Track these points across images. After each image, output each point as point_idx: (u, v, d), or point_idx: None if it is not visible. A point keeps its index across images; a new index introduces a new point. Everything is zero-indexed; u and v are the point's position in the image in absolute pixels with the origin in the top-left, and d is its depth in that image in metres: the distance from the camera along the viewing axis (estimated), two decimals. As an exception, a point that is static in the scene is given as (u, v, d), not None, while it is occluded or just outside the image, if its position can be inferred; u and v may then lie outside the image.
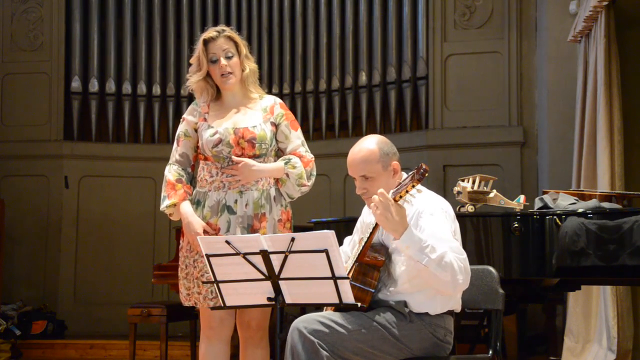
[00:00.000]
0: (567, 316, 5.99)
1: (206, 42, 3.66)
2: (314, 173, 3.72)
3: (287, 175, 3.64)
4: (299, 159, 3.67)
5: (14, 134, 8.29)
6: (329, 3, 8.14)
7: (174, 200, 3.64)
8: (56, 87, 8.31)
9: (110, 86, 8.34)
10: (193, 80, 3.70)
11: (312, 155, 3.72)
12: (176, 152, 3.76)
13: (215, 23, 8.30)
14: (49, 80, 8.32)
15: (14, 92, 8.34)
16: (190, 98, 8.20)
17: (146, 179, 8.28)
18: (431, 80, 7.57)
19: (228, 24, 8.20)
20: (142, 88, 8.36)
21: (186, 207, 3.62)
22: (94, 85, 8.33)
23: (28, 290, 8.05)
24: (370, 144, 3.22)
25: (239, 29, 8.16)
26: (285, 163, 3.65)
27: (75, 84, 8.32)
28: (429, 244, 2.97)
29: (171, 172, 3.72)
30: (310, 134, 8.14)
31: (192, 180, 3.75)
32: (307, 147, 3.74)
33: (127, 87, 8.36)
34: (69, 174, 8.25)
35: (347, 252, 3.42)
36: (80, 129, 8.35)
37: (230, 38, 3.67)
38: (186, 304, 3.69)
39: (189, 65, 3.76)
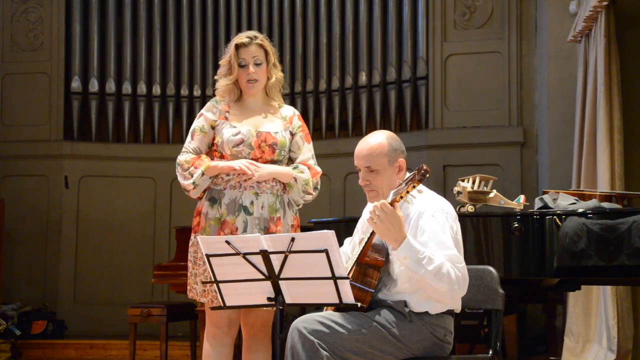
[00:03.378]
0: (567, 316, 5.99)
1: (238, 47, 3.69)
2: (319, 187, 3.77)
3: (295, 179, 3.66)
4: (307, 168, 3.73)
5: (14, 134, 8.29)
6: (329, 3, 8.14)
7: (207, 163, 3.61)
8: (56, 87, 8.31)
9: (110, 86, 8.34)
10: (222, 84, 3.73)
11: (320, 169, 3.78)
12: (189, 144, 3.72)
13: (215, 23, 8.32)
14: (49, 80, 8.32)
15: (14, 92, 8.34)
16: (190, 98, 8.26)
17: (146, 179, 8.29)
18: (431, 80, 7.57)
19: (228, 24, 8.22)
20: (142, 88, 8.36)
21: (215, 162, 3.62)
22: (94, 85, 8.33)
23: (28, 290, 8.05)
24: (380, 138, 3.23)
25: (239, 29, 8.18)
26: (294, 168, 3.70)
27: (75, 84, 8.32)
28: (426, 255, 2.97)
29: (186, 157, 3.69)
30: (311, 134, 8.12)
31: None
32: (315, 160, 3.79)
33: (127, 87, 8.36)
34: (69, 174, 8.25)
35: (347, 252, 3.42)
36: (80, 129, 8.35)
37: (261, 46, 3.71)
38: (201, 299, 3.69)
39: (217, 66, 3.79)
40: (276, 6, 8.27)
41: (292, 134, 3.76)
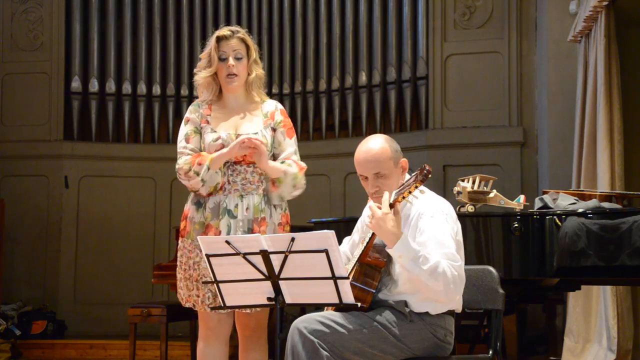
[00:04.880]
0: (567, 316, 5.99)
1: (219, 40, 3.66)
2: (304, 182, 3.70)
3: (285, 173, 3.62)
4: (294, 163, 3.67)
5: (14, 134, 8.28)
6: (329, 3, 8.13)
7: (209, 157, 3.56)
8: (56, 87, 8.31)
9: (110, 86, 8.34)
10: (201, 76, 3.69)
11: (304, 165, 3.71)
12: (186, 148, 3.66)
13: (215, 23, 8.30)
14: (49, 80, 8.31)
15: (14, 92, 8.34)
16: (190, 98, 8.25)
17: (146, 179, 8.28)
18: (431, 80, 7.57)
19: (228, 24, 8.16)
20: (142, 88, 8.36)
21: (217, 152, 3.58)
22: (94, 85, 8.33)
23: (28, 290, 8.05)
24: (380, 142, 3.21)
25: (239, 29, 8.18)
26: (282, 163, 3.66)
27: (75, 84, 8.32)
28: (422, 255, 2.97)
29: (186, 159, 3.62)
30: (310, 134, 8.14)
31: None
32: (299, 156, 3.73)
33: (127, 87, 8.35)
34: (69, 174, 8.25)
35: (346, 251, 3.41)
36: (80, 129, 8.35)
37: (242, 40, 3.68)
38: (185, 305, 3.69)
39: (199, 60, 3.75)
40: (276, 6, 8.27)
41: (274, 130, 3.70)
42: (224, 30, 3.68)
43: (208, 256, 3.02)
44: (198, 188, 3.60)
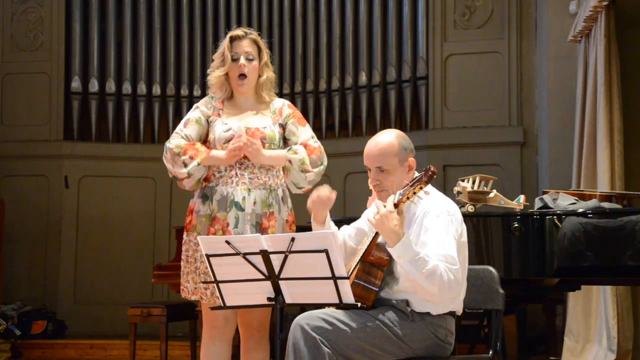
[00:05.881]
0: (567, 316, 5.99)
1: (232, 40, 3.71)
2: (324, 162, 3.74)
3: (290, 161, 3.65)
4: (303, 147, 3.70)
5: (14, 134, 8.29)
6: (329, 3, 8.14)
7: (203, 155, 3.60)
8: (56, 87, 8.31)
9: (110, 86, 8.34)
10: (215, 75, 3.73)
11: (318, 144, 3.74)
12: (181, 131, 3.70)
13: (216, 23, 8.32)
14: (49, 80, 8.32)
15: (14, 92, 8.34)
16: (190, 98, 8.26)
17: (146, 179, 8.28)
18: (431, 80, 7.57)
19: (228, 24, 8.22)
20: (142, 88, 8.36)
21: (215, 152, 3.62)
22: (94, 85, 8.33)
23: (28, 290, 8.05)
24: (390, 137, 3.22)
25: (239, 29, 8.18)
26: (287, 150, 3.69)
27: (75, 84, 8.32)
28: (421, 257, 2.96)
29: (178, 142, 3.66)
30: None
31: None
32: (316, 139, 3.77)
33: (127, 87, 8.36)
34: (69, 174, 8.25)
35: (344, 236, 3.41)
36: (80, 129, 8.35)
37: (254, 42, 3.73)
38: (191, 297, 3.69)
39: (211, 60, 3.79)
40: (276, 6, 8.27)
41: (284, 126, 3.75)
42: (237, 31, 3.74)
43: (208, 256, 3.02)
44: (180, 178, 3.64)
